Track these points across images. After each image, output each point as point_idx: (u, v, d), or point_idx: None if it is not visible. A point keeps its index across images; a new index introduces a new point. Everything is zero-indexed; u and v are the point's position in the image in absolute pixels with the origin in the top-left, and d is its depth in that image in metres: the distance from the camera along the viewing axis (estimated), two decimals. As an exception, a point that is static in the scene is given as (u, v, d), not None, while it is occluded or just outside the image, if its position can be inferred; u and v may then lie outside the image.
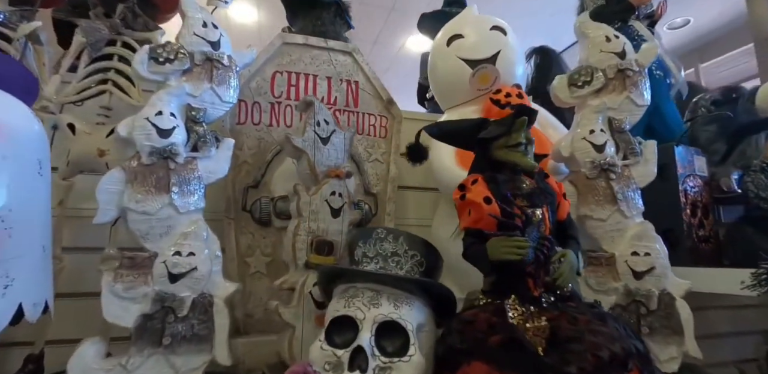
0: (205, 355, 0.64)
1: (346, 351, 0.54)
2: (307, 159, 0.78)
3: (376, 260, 0.64)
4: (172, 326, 0.62)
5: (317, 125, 0.80)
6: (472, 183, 0.62)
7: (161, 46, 0.71)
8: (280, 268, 0.89)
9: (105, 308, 0.60)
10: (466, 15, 1.05)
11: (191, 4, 0.76)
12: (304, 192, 0.77)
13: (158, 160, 0.66)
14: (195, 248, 0.66)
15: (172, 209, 0.66)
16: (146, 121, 0.67)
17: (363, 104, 0.98)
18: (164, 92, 0.69)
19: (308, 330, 0.72)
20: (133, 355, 0.60)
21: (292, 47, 0.95)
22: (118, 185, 0.64)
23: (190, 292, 0.65)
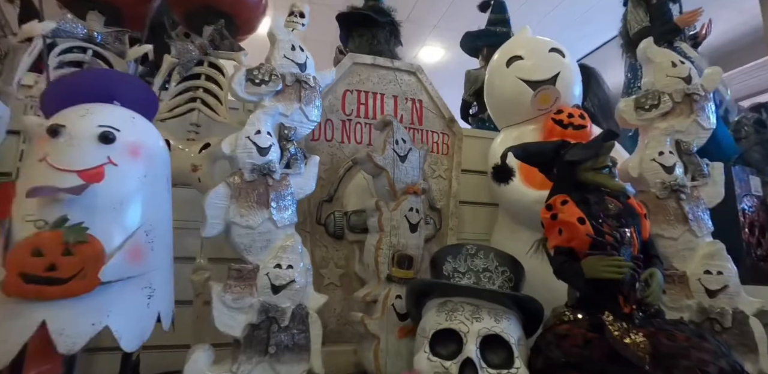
0: (304, 364, 0.67)
1: (454, 362, 0.57)
2: (386, 176, 0.82)
3: (469, 276, 0.67)
4: (275, 335, 0.65)
5: (396, 143, 0.84)
6: (562, 203, 0.65)
7: (257, 69, 0.75)
8: (353, 280, 0.92)
9: (217, 317, 0.63)
10: (523, 37, 1.10)
11: (281, 28, 0.80)
12: (386, 208, 0.80)
13: (258, 176, 0.70)
14: (292, 261, 0.70)
15: (271, 223, 0.70)
16: (248, 139, 0.70)
17: (427, 121, 1.02)
18: (261, 112, 0.73)
19: (391, 342, 0.75)
20: (242, 363, 0.63)
21: (361, 67, 0.99)
22: (225, 201, 0.67)
23: (290, 303, 0.68)
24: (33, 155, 0.48)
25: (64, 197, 0.45)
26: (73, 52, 0.80)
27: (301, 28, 0.88)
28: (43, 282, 0.43)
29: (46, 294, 0.43)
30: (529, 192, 0.85)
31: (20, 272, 0.42)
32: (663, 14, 1.29)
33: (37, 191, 0.44)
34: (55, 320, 0.43)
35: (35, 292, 0.42)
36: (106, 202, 0.48)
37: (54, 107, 0.53)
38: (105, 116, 0.51)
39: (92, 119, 0.50)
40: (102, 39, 0.82)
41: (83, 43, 0.80)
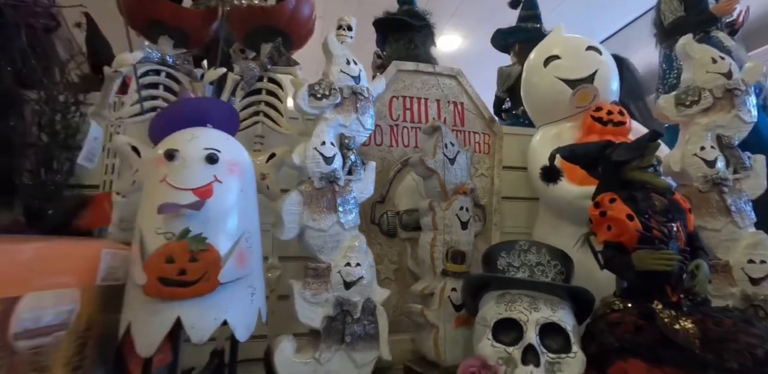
0: (375, 352, 0.75)
1: (516, 348, 0.64)
2: (438, 178, 0.88)
3: (523, 270, 0.73)
4: (349, 326, 0.73)
5: (445, 147, 0.89)
6: (610, 201, 0.70)
7: (317, 84, 0.82)
8: (406, 274, 0.99)
9: (299, 311, 0.71)
10: (558, 36, 1.13)
11: (335, 44, 0.86)
12: (438, 208, 0.86)
13: (326, 184, 0.77)
14: (360, 260, 0.77)
15: (339, 226, 0.77)
16: (315, 150, 0.78)
17: (468, 123, 1.07)
18: (324, 124, 0.80)
19: (449, 331, 0.82)
20: (323, 351, 0.71)
21: (405, 74, 1.05)
22: (298, 207, 0.75)
23: (360, 297, 0.75)
24: (154, 176, 0.56)
25: (185, 212, 0.53)
26: (149, 75, 0.88)
27: (350, 40, 0.94)
28: (176, 284, 0.51)
29: (179, 295, 0.51)
30: (572, 189, 0.90)
31: (158, 276, 0.51)
32: (698, 3, 1.29)
33: (165, 209, 0.52)
34: (188, 316, 0.51)
35: (171, 293, 0.51)
36: (216, 214, 0.56)
37: (162, 132, 0.61)
38: (208, 139, 0.59)
39: (198, 142, 0.58)
40: (173, 61, 0.90)
41: (158, 66, 0.88)
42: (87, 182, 0.94)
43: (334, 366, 0.71)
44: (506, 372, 0.62)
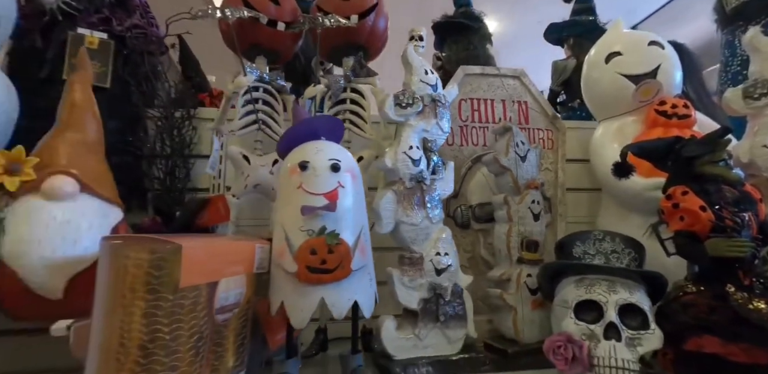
0: (463, 330, 0.86)
1: (598, 325, 0.72)
2: (511, 175, 0.96)
3: (599, 257, 0.81)
4: (442, 307, 0.84)
5: (516, 146, 0.97)
6: (683, 194, 0.76)
7: (402, 94, 0.92)
8: (479, 262, 1.09)
9: (399, 295, 0.82)
10: (619, 33, 1.16)
11: (414, 55, 0.95)
12: (513, 202, 0.95)
13: (415, 184, 0.88)
14: (448, 250, 0.88)
15: (428, 220, 0.88)
16: (404, 154, 0.88)
17: (532, 120, 1.14)
18: (410, 130, 0.90)
19: (526, 312, 0.91)
20: (421, 328, 0.82)
21: (472, 77, 1.12)
22: (393, 204, 0.85)
23: (449, 282, 0.86)
24: (290, 183, 0.68)
25: (322, 213, 0.65)
26: (250, 91, 1.01)
27: (422, 50, 1.03)
28: (319, 271, 0.63)
29: (322, 280, 0.63)
30: (640, 181, 0.95)
31: (306, 265, 0.63)
32: (763, -13, 1.27)
33: (306, 210, 0.64)
34: (329, 297, 0.64)
35: (316, 279, 0.63)
36: (342, 214, 0.67)
37: (289, 145, 0.73)
38: (330, 151, 0.70)
39: (324, 154, 0.69)
40: (269, 78, 1.02)
41: (257, 83, 1.01)
42: (199, 186, 1.10)
43: (431, 341, 0.83)
44: (590, 346, 0.70)
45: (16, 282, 0.56)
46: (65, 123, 0.69)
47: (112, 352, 0.49)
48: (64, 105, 0.71)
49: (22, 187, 0.60)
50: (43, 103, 0.92)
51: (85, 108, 0.71)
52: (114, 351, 0.49)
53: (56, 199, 0.60)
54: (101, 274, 0.50)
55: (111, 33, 0.99)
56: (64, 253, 0.58)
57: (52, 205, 0.59)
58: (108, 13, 1.00)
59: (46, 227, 0.57)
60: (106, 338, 0.50)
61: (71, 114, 0.69)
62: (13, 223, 0.57)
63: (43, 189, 0.60)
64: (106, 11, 1.00)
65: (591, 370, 0.69)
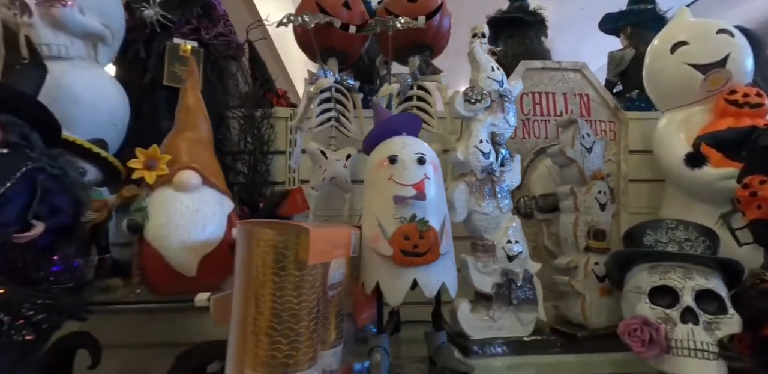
0: (534, 313, 0.90)
1: (674, 310, 0.75)
2: (577, 166, 0.99)
3: (672, 245, 0.83)
4: (514, 291, 0.89)
5: (582, 138, 1.00)
6: (761, 183, 0.77)
7: (470, 90, 0.96)
8: (542, 251, 1.13)
9: (474, 280, 0.88)
10: (684, 22, 1.15)
11: (480, 53, 1.00)
12: (580, 193, 0.98)
13: (486, 175, 0.93)
14: (517, 238, 0.92)
15: (499, 210, 0.92)
16: (475, 148, 0.93)
17: (594, 112, 1.16)
18: (480, 125, 0.95)
19: (594, 299, 0.95)
20: (495, 311, 0.88)
21: (533, 72, 1.15)
22: (465, 195, 0.91)
23: (520, 268, 0.91)
24: (381, 175, 0.75)
25: (412, 202, 0.71)
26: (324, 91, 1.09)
27: (484, 46, 1.07)
28: (412, 255, 0.70)
29: (415, 262, 0.70)
30: (712, 171, 0.96)
31: (400, 249, 0.69)
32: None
33: (398, 200, 0.71)
34: (421, 278, 0.70)
35: (410, 261, 0.70)
36: (429, 203, 0.73)
37: (375, 140, 0.80)
38: (415, 145, 0.76)
39: (410, 148, 0.75)
40: (340, 78, 1.09)
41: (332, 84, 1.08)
42: (277, 180, 1.19)
43: (505, 324, 0.88)
44: (667, 329, 0.73)
45: (160, 261, 0.66)
46: (183, 125, 0.79)
47: (250, 319, 0.58)
48: (180, 109, 0.81)
49: (158, 180, 0.70)
50: (147, 107, 1.04)
51: (198, 111, 0.80)
52: (251, 317, 0.58)
53: (185, 190, 0.70)
54: (239, 253, 0.59)
55: (200, 41, 1.10)
56: (197, 237, 0.68)
57: (183, 196, 0.69)
58: (196, 23, 1.10)
59: (181, 215, 0.67)
60: (245, 307, 0.58)
61: (187, 116, 0.79)
62: (154, 211, 0.67)
63: (174, 182, 0.70)
64: (194, 22, 1.10)
65: (668, 352, 0.72)
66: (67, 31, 0.85)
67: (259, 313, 0.57)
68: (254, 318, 0.58)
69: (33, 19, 0.80)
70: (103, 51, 0.94)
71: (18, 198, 0.65)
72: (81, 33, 0.88)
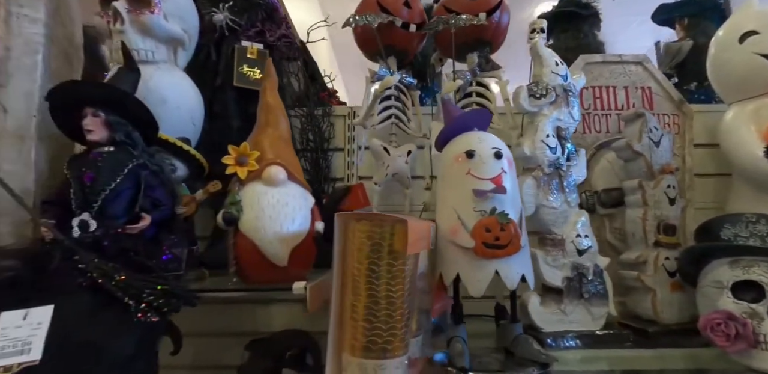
0: (605, 307, 0.90)
1: (760, 305, 0.74)
2: (644, 160, 0.98)
3: (754, 239, 0.82)
4: (585, 285, 0.89)
5: (650, 131, 0.99)
6: None
7: (535, 85, 0.97)
8: (605, 246, 1.12)
9: (544, 273, 0.88)
10: (752, 11, 1.11)
11: (544, 48, 1.00)
12: (649, 187, 0.97)
13: (553, 170, 0.93)
14: (586, 232, 0.92)
15: (567, 204, 0.93)
16: (542, 142, 0.93)
17: (657, 106, 1.14)
18: (546, 120, 0.95)
19: (665, 294, 0.93)
20: (566, 304, 0.88)
21: (593, 66, 1.14)
22: (533, 189, 0.91)
23: (590, 263, 0.90)
24: (459, 170, 0.76)
25: (492, 195, 0.73)
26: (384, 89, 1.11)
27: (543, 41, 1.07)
28: (494, 247, 0.71)
29: (497, 254, 0.71)
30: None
31: (482, 241, 0.71)
32: None
33: (479, 193, 0.72)
34: (503, 270, 0.72)
35: (491, 253, 0.71)
36: (507, 196, 0.74)
37: (449, 136, 0.81)
38: (491, 140, 0.78)
39: (486, 143, 0.77)
40: (398, 76, 1.12)
41: (390, 81, 1.11)
42: (336, 176, 1.22)
43: (576, 317, 0.88)
44: (753, 324, 0.72)
45: (255, 251, 0.69)
46: (264, 123, 0.82)
47: (348, 306, 0.61)
48: (261, 108, 0.85)
49: (248, 176, 0.73)
50: (218, 107, 1.09)
51: (277, 109, 0.84)
52: (350, 305, 0.61)
53: (273, 185, 0.74)
54: (338, 244, 0.62)
55: (264, 43, 1.14)
56: (288, 229, 0.71)
57: (273, 190, 0.73)
58: (261, 26, 1.15)
59: (273, 208, 0.70)
60: (342, 295, 0.61)
61: (268, 115, 0.83)
62: (248, 204, 0.71)
63: (263, 177, 0.74)
64: (259, 25, 1.15)
65: (756, 347, 0.71)
66: (154, 37, 0.91)
67: (357, 301, 0.60)
68: (352, 305, 0.60)
69: (125, 26, 0.86)
70: (181, 55, 0.99)
71: (125, 192, 0.71)
72: (165, 38, 0.93)
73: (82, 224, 0.67)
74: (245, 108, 1.11)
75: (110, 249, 0.65)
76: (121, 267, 0.62)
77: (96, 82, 0.74)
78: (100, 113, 0.71)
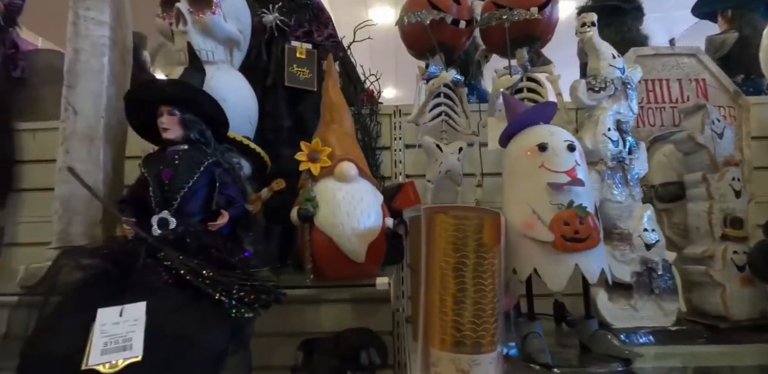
0: (676, 303, 0.88)
1: None
2: (708, 152, 0.96)
3: (834, 231, 0.79)
4: (654, 280, 0.87)
5: (712, 123, 0.97)
6: None
7: (593, 78, 0.95)
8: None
9: (612, 268, 0.87)
10: (809, -2, 1.10)
11: (600, 41, 0.98)
12: (713, 180, 0.95)
13: (616, 163, 0.92)
14: (653, 226, 0.91)
15: (631, 198, 0.91)
16: (604, 136, 0.92)
17: (712, 98, 1.12)
18: (607, 114, 0.94)
19: (734, 289, 0.91)
20: (636, 300, 0.86)
21: (645, 59, 1.13)
22: (597, 183, 0.90)
23: (658, 257, 0.89)
24: (531, 163, 0.75)
25: (568, 188, 0.71)
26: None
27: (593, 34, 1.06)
28: (573, 240, 0.70)
29: (577, 248, 0.70)
30: None
31: (561, 235, 0.70)
32: None
33: (556, 187, 0.71)
34: (583, 264, 0.70)
35: (572, 247, 0.70)
36: (584, 189, 0.73)
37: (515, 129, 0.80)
38: (563, 133, 0.77)
39: (558, 136, 0.76)
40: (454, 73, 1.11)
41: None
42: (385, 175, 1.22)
43: (647, 313, 0.86)
44: None
45: (333, 248, 0.69)
46: (329, 120, 0.82)
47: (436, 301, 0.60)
48: (324, 105, 0.85)
49: (321, 172, 0.73)
50: (269, 107, 1.09)
51: (341, 105, 0.84)
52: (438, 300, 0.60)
53: (345, 181, 0.73)
54: (427, 238, 0.61)
55: (312, 43, 1.14)
56: (365, 224, 0.71)
57: (347, 186, 0.72)
58: (308, 26, 1.15)
59: (349, 204, 0.70)
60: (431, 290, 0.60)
61: (332, 112, 0.83)
62: (323, 200, 0.71)
63: (335, 173, 0.73)
64: (306, 25, 1.15)
65: None
66: (214, 37, 0.91)
67: (447, 295, 0.59)
68: (442, 300, 0.60)
69: (188, 26, 0.87)
70: (236, 55, 1.00)
71: (201, 190, 0.71)
72: (224, 38, 0.94)
73: (161, 222, 0.68)
74: (294, 108, 1.11)
75: (192, 247, 0.65)
76: (206, 264, 0.62)
77: (173, 81, 0.74)
78: (175, 112, 0.72)
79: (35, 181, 1.25)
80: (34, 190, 1.26)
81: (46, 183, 1.26)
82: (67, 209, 0.79)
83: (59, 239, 0.78)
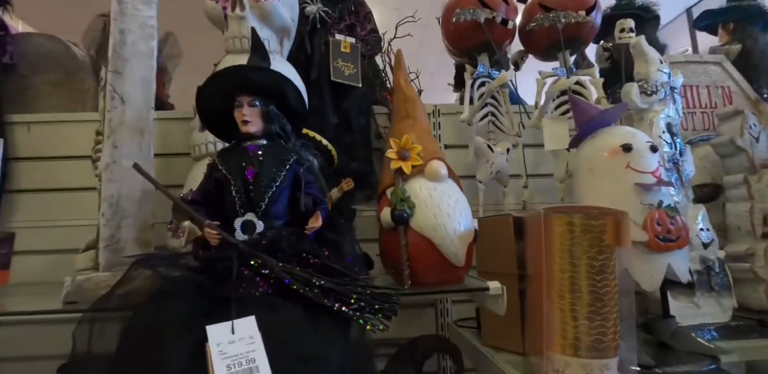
0: (732, 299, 0.91)
1: None
2: (747, 155, 1.01)
3: None
4: (714, 278, 0.90)
5: (750, 127, 1.02)
6: None
7: (645, 82, 0.98)
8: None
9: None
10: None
11: (648, 47, 1.01)
12: (753, 181, 1.00)
13: (672, 165, 0.94)
14: (707, 225, 0.93)
15: (687, 198, 0.94)
16: (659, 138, 0.94)
17: (736, 105, 1.18)
18: (659, 117, 0.96)
19: (774, 284, 0.96)
20: (699, 297, 0.89)
21: (675, 65, 1.17)
22: (655, 184, 0.92)
23: (714, 256, 0.92)
24: (616, 164, 0.75)
25: (658, 189, 0.72)
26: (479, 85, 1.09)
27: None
28: (665, 240, 0.70)
29: (670, 248, 0.70)
30: None
31: (655, 235, 0.70)
32: None
33: (646, 187, 0.71)
34: (675, 263, 0.71)
35: (665, 247, 0.70)
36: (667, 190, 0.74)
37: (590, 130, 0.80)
38: (642, 134, 0.77)
39: (640, 137, 0.76)
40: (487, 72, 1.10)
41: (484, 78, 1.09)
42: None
43: (708, 310, 0.89)
44: None
45: (434, 251, 0.65)
46: (404, 114, 0.78)
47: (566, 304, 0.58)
48: (399, 99, 0.80)
49: (412, 170, 0.69)
50: (315, 102, 1.03)
51: (416, 100, 0.80)
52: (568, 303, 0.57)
53: (437, 180, 0.69)
54: (545, 239, 0.59)
55: (354, 37, 1.10)
56: (464, 226, 0.67)
57: (441, 186, 0.69)
58: (349, 19, 1.10)
59: (448, 204, 0.66)
60: (557, 293, 0.58)
61: (407, 106, 0.79)
62: (419, 201, 0.66)
63: (426, 172, 0.69)
64: (347, 19, 1.10)
65: None
66: (270, 25, 0.85)
67: (575, 298, 0.57)
68: (571, 303, 0.57)
69: (245, 11, 0.80)
70: (285, 45, 0.94)
71: (287, 191, 0.65)
72: (279, 26, 0.87)
73: (247, 226, 0.61)
74: (339, 104, 1.06)
75: (289, 253, 0.59)
76: (312, 272, 0.56)
77: (257, 67, 0.67)
78: (256, 103, 0.65)
79: (32, 181, 1.11)
80: (31, 191, 1.11)
81: (44, 184, 1.13)
82: (116, 212, 0.69)
83: (107, 246, 0.68)
